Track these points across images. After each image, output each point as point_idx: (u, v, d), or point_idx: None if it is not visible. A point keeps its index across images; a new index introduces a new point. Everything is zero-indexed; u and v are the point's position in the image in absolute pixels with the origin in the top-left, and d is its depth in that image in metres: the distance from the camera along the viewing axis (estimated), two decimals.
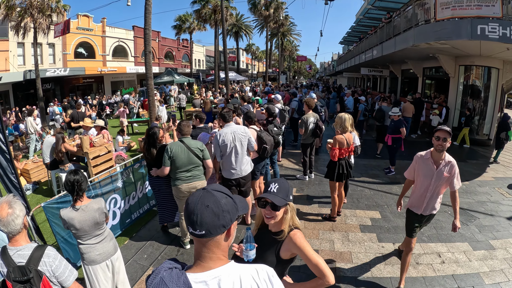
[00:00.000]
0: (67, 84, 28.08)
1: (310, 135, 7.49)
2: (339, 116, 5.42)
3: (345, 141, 5.28)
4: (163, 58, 39.75)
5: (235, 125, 5.11)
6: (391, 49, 12.76)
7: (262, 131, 5.95)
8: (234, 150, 4.96)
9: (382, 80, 23.21)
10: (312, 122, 7.39)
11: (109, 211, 4.80)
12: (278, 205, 2.05)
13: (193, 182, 4.60)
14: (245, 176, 5.14)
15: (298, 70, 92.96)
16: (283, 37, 48.87)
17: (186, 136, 4.70)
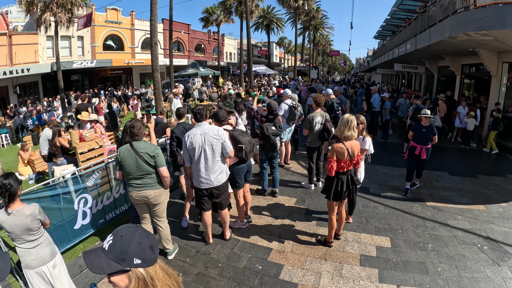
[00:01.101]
0: (95, 75, 28.48)
1: (316, 138, 6.36)
2: (341, 118, 4.31)
3: (345, 152, 4.13)
4: (193, 51, 39.51)
5: (207, 126, 4.34)
6: (425, 41, 11.19)
7: (236, 130, 5.02)
8: (204, 155, 4.25)
9: (418, 78, 21.17)
10: (318, 122, 6.24)
11: (77, 210, 4.82)
12: (97, 272, 1.18)
13: (144, 191, 4.02)
14: (218, 186, 4.40)
15: (332, 65, 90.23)
16: (315, 31, 46.94)
17: (137, 139, 3.97)
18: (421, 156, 6.37)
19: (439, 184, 7.03)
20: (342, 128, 4.18)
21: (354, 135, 4.18)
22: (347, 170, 4.24)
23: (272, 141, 5.91)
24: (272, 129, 5.93)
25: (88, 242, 5.00)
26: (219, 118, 4.85)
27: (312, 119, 6.26)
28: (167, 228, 4.41)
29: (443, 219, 5.42)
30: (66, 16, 17.10)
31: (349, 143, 4.16)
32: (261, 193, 6.60)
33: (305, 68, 46.08)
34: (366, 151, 4.76)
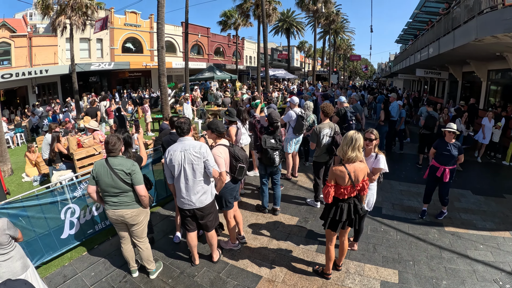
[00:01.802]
0: (114, 77, 28.74)
1: (323, 152, 5.72)
2: (345, 136, 3.65)
3: (346, 176, 3.49)
4: (213, 54, 39.45)
5: (189, 141, 3.90)
6: (449, 45, 10.33)
7: (235, 146, 4.49)
8: (183, 174, 3.84)
9: (441, 84, 20.01)
10: (326, 134, 5.61)
11: (64, 220, 4.74)
12: None
13: (120, 210, 3.76)
14: (201, 208, 3.98)
15: (354, 70, 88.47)
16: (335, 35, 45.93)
17: (112, 155, 3.72)
18: (444, 178, 5.52)
19: (461, 205, 6.25)
20: (344, 148, 3.52)
21: (359, 157, 3.51)
22: (349, 197, 3.62)
23: (269, 155, 5.36)
24: (270, 142, 5.37)
25: (76, 251, 4.85)
26: (219, 130, 4.34)
27: (319, 131, 5.65)
28: (147, 249, 4.15)
29: (463, 248, 4.69)
30: (81, 19, 17.22)
31: (352, 166, 3.51)
32: (261, 210, 6.05)
33: (325, 73, 45.13)
34: (380, 171, 4.13)
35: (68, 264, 4.53)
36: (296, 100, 7.42)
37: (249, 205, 6.35)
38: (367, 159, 4.14)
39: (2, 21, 20.65)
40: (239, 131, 6.31)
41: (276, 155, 5.40)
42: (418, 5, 17.74)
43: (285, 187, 7.19)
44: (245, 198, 6.69)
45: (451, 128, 5.48)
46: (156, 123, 15.02)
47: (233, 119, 6.15)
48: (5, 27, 20.84)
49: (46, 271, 4.40)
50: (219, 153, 4.12)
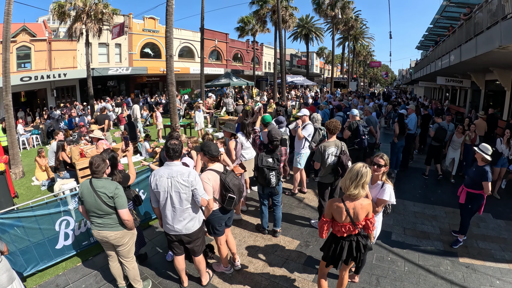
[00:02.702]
0: (132, 81, 29.06)
1: (329, 172, 5.26)
2: (349, 168, 3.18)
3: (343, 213, 3.07)
4: (231, 60, 39.44)
5: (177, 168, 3.63)
6: (471, 53, 9.67)
7: (228, 173, 4.10)
8: (170, 202, 3.61)
9: (463, 92, 19.06)
10: (332, 153, 5.15)
11: (59, 231, 4.79)
12: None
13: (104, 231, 3.66)
14: (188, 234, 3.77)
15: (374, 77, 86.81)
16: (354, 41, 45.03)
17: (95, 176, 3.59)
18: (460, 199, 5.18)
19: (479, 231, 5.65)
20: (347, 182, 3.08)
21: (362, 194, 3.07)
22: (349, 235, 3.19)
23: (265, 175, 4.96)
24: (268, 161, 4.97)
25: (71, 261, 4.86)
26: (211, 153, 4.01)
27: (324, 150, 5.20)
28: (134, 268, 4.03)
29: (476, 284, 4.14)
30: (97, 26, 17.43)
31: (351, 203, 3.09)
32: (261, 230, 5.67)
33: (344, 79, 44.29)
34: (385, 203, 3.63)
35: (62, 274, 4.55)
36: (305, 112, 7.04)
37: (249, 224, 5.99)
38: (373, 187, 3.66)
39: (23, 26, 21.23)
40: (239, 145, 5.94)
41: (273, 176, 4.99)
42: (439, 10, 16.96)
43: (290, 205, 6.78)
44: (246, 216, 6.34)
45: (485, 150, 4.98)
46: (169, 129, 14.90)
47: (230, 131, 5.82)
48: (25, 32, 21.46)
49: (40, 279, 4.47)
50: (207, 179, 3.83)
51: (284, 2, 25.50)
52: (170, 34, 10.49)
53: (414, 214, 6.31)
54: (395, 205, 6.68)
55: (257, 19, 28.00)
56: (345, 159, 5.05)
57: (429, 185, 8.13)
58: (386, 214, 3.78)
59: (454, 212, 6.18)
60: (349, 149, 7.35)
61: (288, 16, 25.90)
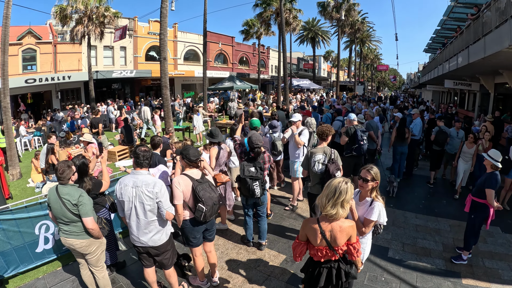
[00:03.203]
0: (137, 84, 28.91)
1: (316, 182, 4.73)
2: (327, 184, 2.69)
3: (318, 235, 2.58)
4: (237, 63, 39.13)
5: (142, 177, 3.36)
6: (479, 54, 9.06)
7: (203, 182, 3.69)
8: (135, 212, 3.35)
9: (471, 96, 18.29)
10: (319, 161, 4.62)
11: (39, 235, 4.72)
12: None
13: (71, 239, 3.52)
14: (155, 246, 3.50)
15: (382, 80, 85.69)
16: (361, 44, 44.29)
17: (61, 183, 3.43)
18: (466, 207, 4.74)
19: (486, 247, 5.08)
20: (323, 200, 2.58)
21: (341, 214, 2.55)
22: (328, 260, 2.69)
23: (248, 186, 4.51)
24: (250, 170, 4.51)
25: (52, 265, 4.78)
26: (188, 158, 3.69)
27: (310, 156, 4.69)
28: (104, 278, 3.84)
29: None
30: (98, 29, 17.31)
31: (328, 225, 2.57)
32: (245, 242, 5.23)
33: (351, 83, 43.56)
34: (372, 223, 3.04)
35: (42, 277, 4.48)
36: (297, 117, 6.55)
37: (234, 235, 5.55)
38: (360, 204, 3.15)
39: (28, 29, 21.25)
40: (223, 153, 5.48)
41: (256, 186, 4.53)
42: (446, 11, 16.31)
43: (281, 215, 6.31)
44: (233, 225, 5.92)
45: (490, 157, 4.51)
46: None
47: (214, 140, 5.37)
48: (31, 34, 21.46)
49: (21, 281, 4.43)
50: (177, 184, 3.54)
51: (288, 5, 25.05)
52: (165, 37, 10.22)
53: (415, 228, 5.76)
54: (396, 217, 6.20)
55: (261, 21, 27.65)
56: (333, 168, 4.49)
57: (434, 194, 7.57)
58: (377, 234, 3.25)
59: (459, 226, 5.63)
60: (347, 156, 6.86)
61: (292, 19, 25.42)
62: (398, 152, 8.07)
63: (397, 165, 8.16)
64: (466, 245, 4.62)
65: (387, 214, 3.51)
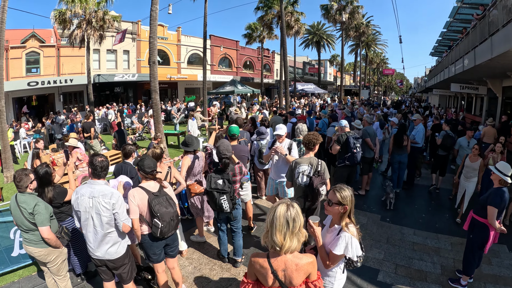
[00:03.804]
0: (140, 88, 28.64)
1: (299, 195, 4.20)
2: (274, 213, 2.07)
3: (269, 274, 2.04)
4: (241, 67, 38.73)
5: (99, 187, 3.19)
6: (486, 55, 8.40)
7: (160, 195, 3.38)
8: (92, 223, 3.19)
9: (479, 100, 17.48)
10: (303, 172, 4.10)
11: (14, 240, 4.69)
12: None
13: (30, 247, 3.46)
14: (112, 260, 3.31)
15: (388, 85, 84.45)
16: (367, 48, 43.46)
17: (19, 190, 3.39)
18: (464, 224, 4.17)
19: (490, 269, 4.43)
20: (276, 237, 2.00)
21: (294, 247, 2.02)
22: None
23: (215, 200, 4.00)
24: (217, 183, 3.99)
25: (28, 270, 4.68)
26: (143, 169, 3.41)
27: (294, 167, 4.17)
28: (65, 287, 3.73)
29: None
30: (97, 33, 17.16)
31: (281, 261, 2.03)
32: (221, 258, 4.71)
33: (356, 87, 42.71)
34: (338, 258, 2.44)
35: (17, 281, 4.43)
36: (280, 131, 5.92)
37: (211, 249, 5.03)
38: (330, 231, 2.57)
39: (32, 32, 21.16)
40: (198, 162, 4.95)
41: (224, 200, 4.01)
42: (451, 12, 15.59)
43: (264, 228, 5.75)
44: (212, 238, 5.39)
45: (498, 171, 3.87)
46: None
47: (188, 149, 4.85)
48: (35, 38, 21.38)
49: None
50: (132, 197, 3.29)
51: (290, 7, 24.54)
52: (154, 40, 9.82)
53: (412, 246, 5.13)
54: (391, 233, 5.59)
55: (263, 25, 27.16)
56: (318, 182, 3.95)
57: (437, 207, 6.89)
58: (353, 268, 2.65)
59: (462, 244, 4.95)
60: (339, 166, 6.28)
61: (293, 22, 24.86)
62: (396, 161, 7.42)
63: (396, 175, 7.52)
64: (465, 269, 4.01)
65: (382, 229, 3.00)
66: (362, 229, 5.66)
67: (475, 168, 6.00)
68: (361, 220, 6.02)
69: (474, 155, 6.04)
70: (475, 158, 6.04)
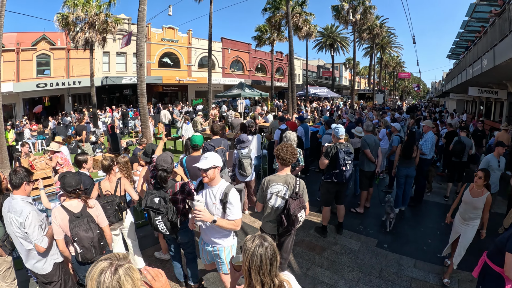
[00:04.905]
0: (149, 91, 28.00)
1: (271, 219, 3.37)
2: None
3: None
4: (254, 71, 37.90)
5: (14, 202, 2.96)
6: (507, 53, 7.16)
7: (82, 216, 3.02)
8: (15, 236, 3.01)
9: (498, 105, 15.92)
10: (278, 193, 3.28)
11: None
12: None
13: None
14: (42, 275, 3.10)
15: (405, 89, 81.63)
16: (381, 50, 41.74)
17: None
18: (474, 269, 3.10)
19: None
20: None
21: None
22: None
23: (151, 219, 3.26)
24: (153, 201, 3.18)
25: None
26: (64, 188, 3.03)
27: (266, 187, 3.32)
28: None
29: None
30: (100, 36, 16.84)
31: None
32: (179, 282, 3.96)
33: (370, 92, 41.01)
34: None
35: None
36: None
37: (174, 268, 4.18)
38: None
39: (42, 35, 21.07)
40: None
41: (159, 222, 3.22)
42: (468, 11, 14.14)
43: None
44: None
45: None
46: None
47: (147, 159, 4.12)
48: (45, 40, 21.28)
49: None
50: (53, 217, 2.98)
51: (298, 8, 23.42)
52: (141, 42, 9.15)
53: (409, 283, 4.05)
54: (385, 264, 4.52)
55: (271, 26, 26.17)
56: (295, 206, 3.11)
57: (446, 230, 5.38)
58: None
59: (472, 282, 3.92)
60: (326, 182, 5.27)
61: (302, 22, 23.69)
62: (402, 175, 6.25)
63: (401, 191, 6.36)
64: None
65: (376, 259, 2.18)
66: (352, 258, 4.67)
67: (478, 206, 3.94)
68: (353, 246, 5.00)
69: (478, 186, 3.98)
70: (478, 190, 3.99)
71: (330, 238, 5.26)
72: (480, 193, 3.93)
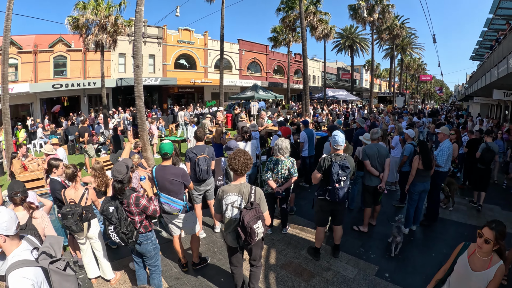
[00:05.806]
0: (164, 92, 28.11)
1: (230, 231, 2.97)
2: None
3: None
4: (271, 73, 37.20)
5: None
6: None
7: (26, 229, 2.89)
8: None
9: None
10: (232, 204, 2.88)
11: None
12: None
13: None
14: None
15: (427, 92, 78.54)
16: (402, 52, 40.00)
17: None
18: None
19: None
20: None
21: None
22: None
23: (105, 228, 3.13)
24: (108, 210, 2.99)
25: None
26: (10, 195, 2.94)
27: (221, 198, 2.90)
28: None
29: None
30: (110, 38, 16.74)
31: None
32: None
33: (390, 95, 39.38)
34: None
35: None
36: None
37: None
38: None
39: (59, 37, 21.25)
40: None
41: (111, 232, 3.01)
42: (492, 7, 12.84)
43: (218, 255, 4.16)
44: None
45: None
46: None
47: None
48: (62, 42, 21.48)
49: None
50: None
51: (312, 7, 22.52)
52: (138, 43, 8.73)
53: None
54: None
55: (285, 27, 25.40)
56: (250, 217, 2.69)
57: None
58: None
59: None
60: (320, 199, 4.49)
61: (316, 22, 22.78)
62: (418, 190, 5.34)
63: (413, 208, 5.46)
64: None
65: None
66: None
67: (479, 285, 2.32)
68: (347, 274, 4.21)
69: (482, 251, 2.35)
70: (483, 261, 2.36)
71: (323, 262, 4.50)
72: (486, 263, 2.33)
